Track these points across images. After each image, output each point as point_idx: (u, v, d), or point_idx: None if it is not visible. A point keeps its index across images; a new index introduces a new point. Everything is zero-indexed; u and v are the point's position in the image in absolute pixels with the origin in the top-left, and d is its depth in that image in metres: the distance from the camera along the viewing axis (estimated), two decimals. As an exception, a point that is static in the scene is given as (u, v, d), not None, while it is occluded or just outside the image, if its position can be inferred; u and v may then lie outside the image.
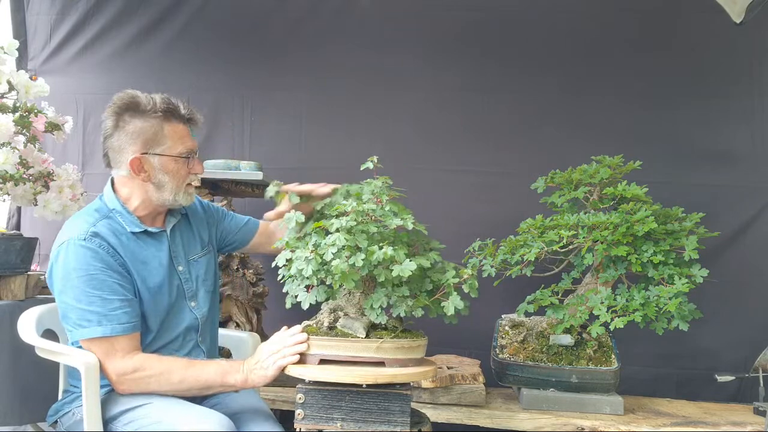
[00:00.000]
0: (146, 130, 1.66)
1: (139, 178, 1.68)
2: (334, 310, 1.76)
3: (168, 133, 1.68)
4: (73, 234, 1.60)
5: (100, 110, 3.16)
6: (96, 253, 1.58)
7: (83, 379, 1.52)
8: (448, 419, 2.11)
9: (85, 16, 3.21)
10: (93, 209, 1.70)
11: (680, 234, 2.08)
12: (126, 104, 1.67)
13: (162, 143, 1.68)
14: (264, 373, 1.59)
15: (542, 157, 2.75)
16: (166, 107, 1.68)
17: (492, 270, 2.20)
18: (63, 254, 1.59)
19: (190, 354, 1.73)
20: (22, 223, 3.20)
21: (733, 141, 2.73)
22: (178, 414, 1.52)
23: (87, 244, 1.59)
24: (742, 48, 2.72)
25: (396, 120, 2.97)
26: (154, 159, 1.68)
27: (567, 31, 2.88)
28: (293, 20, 3.08)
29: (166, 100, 1.69)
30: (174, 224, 1.79)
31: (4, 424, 1.95)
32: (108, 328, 1.55)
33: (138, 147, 1.66)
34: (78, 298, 1.56)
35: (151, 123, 1.67)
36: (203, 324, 1.78)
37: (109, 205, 1.70)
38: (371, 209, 1.68)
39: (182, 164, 1.71)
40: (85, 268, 1.57)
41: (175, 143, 1.69)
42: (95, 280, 1.56)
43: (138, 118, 1.67)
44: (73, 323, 1.57)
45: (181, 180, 1.71)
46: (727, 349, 2.63)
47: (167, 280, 1.70)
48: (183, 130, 1.72)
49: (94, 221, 1.64)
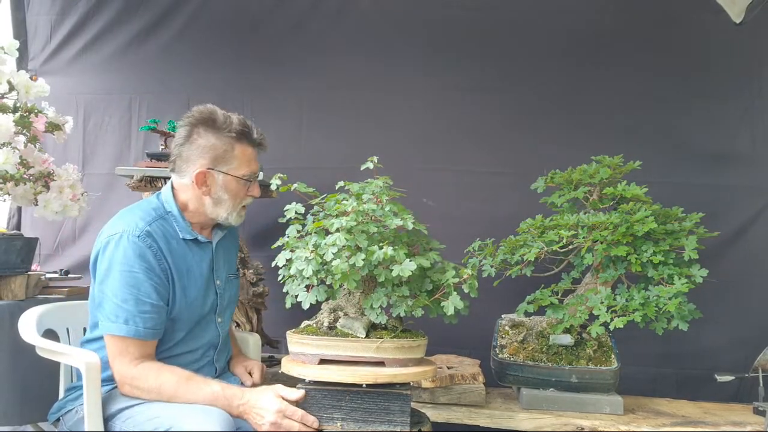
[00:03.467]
0: (218, 147, 1.69)
1: (200, 191, 1.71)
2: (334, 310, 1.76)
3: (238, 154, 1.71)
4: (129, 228, 1.62)
5: (100, 110, 3.24)
6: (144, 253, 1.60)
7: (84, 378, 1.53)
8: (448, 419, 2.11)
9: (86, 16, 3.21)
10: (150, 207, 1.71)
11: (680, 234, 2.08)
12: (204, 118, 1.70)
13: (230, 163, 1.71)
14: (259, 421, 1.54)
15: (542, 157, 2.75)
16: (240, 129, 1.71)
17: (492, 270, 2.20)
18: (113, 245, 1.60)
19: (201, 370, 1.73)
20: (22, 223, 3.21)
21: (733, 141, 2.73)
22: (178, 411, 1.52)
23: (139, 242, 1.60)
24: (742, 48, 2.72)
25: (396, 120, 2.97)
26: (219, 176, 1.71)
27: (567, 31, 2.88)
28: (293, 20, 3.09)
29: (242, 122, 1.72)
30: (220, 238, 1.82)
31: (5, 424, 1.95)
32: (132, 329, 1.56)
33: (206, 161, 1.69)
34: (115, 292, 1.58)
35: (224, 141, 1.70)
36: (222, 343, 1.80)
37: (167, 207, 1.72)
38: (371, 209, 1.68)
39: (243, 186, 1.74)
40: (130, 264, 1.58)
41: (242, 165, 1.72)
42: (135, 279, 1.58)
43: (212, 134, 1.69)
44: (106, 315, 1.59)
45: (238, 200, 1.75)
46: (727, 349, 2.63)
47: (204, 291, 1.72)
48: (251, 153, 1.75)
49: (150, 220, 1.66)
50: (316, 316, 1.80)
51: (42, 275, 2.23)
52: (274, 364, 2.55)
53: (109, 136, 3.21)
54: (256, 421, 1.55)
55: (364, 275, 1.65)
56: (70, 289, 2.27)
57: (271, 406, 1.55)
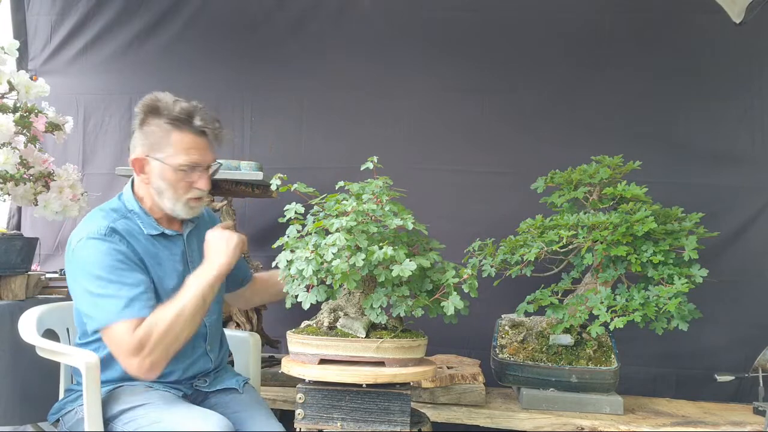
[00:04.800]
0: (155, 132, 1.66)
1: (140, 178, 1.70)
2: (334, 310, 1.76)
3: (174, 141, 1.65)
4: (91, 230, 1.59)
5: (100, 110, 3.24)
6: (115, 246, 1.58)
7: (84, 378, 1.53)
8: (447, 419, 2.11)
9: (86, 16, 3.21)
10: (110, 208, 1.69)
11: (680, 234, 2.08)
12: (148, 105, 1.68)
13: (164, 150, 1.65)
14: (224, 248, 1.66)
15: (542, 157, 2.75)
16: (177, 115, 1.65)
17: (492, 270, 2.20)
18: (81, 251, 1.58)
19: (196, 362, 1.72)
20: (22, 223, 3.21)
21: (733, 141, 2.73)
22: (177, 414, 1.52)
23: (106, 239, 1.58)
24: (742, 48, 2.72)
25: (396, 120, 2.97)
26: (155, 164, 1.66)
27: (566, 31, 2.88)
28: (293, 20, 3.08)
29: (185, 110, 1.65)
30: (191, 229, 1.79)
31: (5, 424, 1.95)
32: (135, 310, 1.52)
33: (144, 149, 1.67)
34: (103, 288, 1.53)
35: (161, 128, 1.66)
36: (211, 332, 1.78)
37: (128, 205, 1.71)
38: (371, 209, 1.68)
39: (181, 176, 1.66)
40: (104, 259, 1.56)
41: (178, 153, 1.65)
42: (115, 271, 1.55)
43: (152, 121, 1.67)
44: (99, 312, 1.53)
45: (180, 191, 1.68)
46: (727, 349, 2.62)
47: (180, 283, 1.68)
48: (192, 141, 1.66)
49: (112, 219, 1.64)
50: (316, 316, 1.80)
51: (42, 275, 2.23)
52: (274, 364, 2.55)
53: (109, 136, 3.21)
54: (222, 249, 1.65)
55: (364, 275, 1.65)
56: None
57: (218, 234, 1.69)
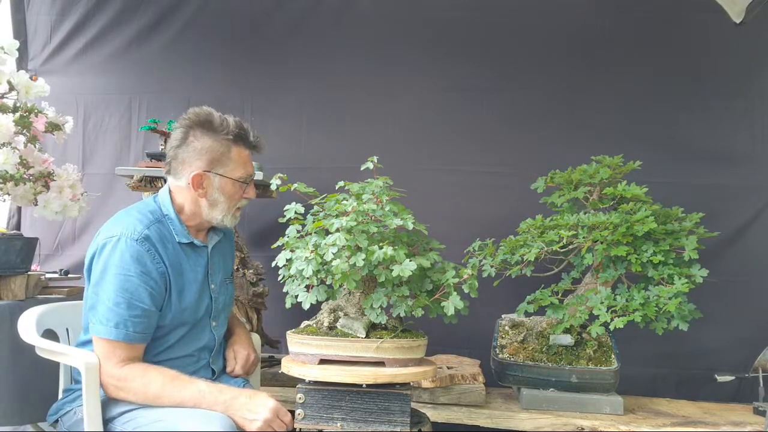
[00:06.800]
0: (214, 149, 1.69)
1: (196, 193, 1.71)
2: (334, 310, 1.76)
3: (234, 156, 1.71)
4: (127, 231, 1.61)
5: (99, 110, 3.24)
6: (141, 257, 1.59)
7: (84, 378, 1.53)
8: (447, 419, 2.11)
9: (85, 16, 3.21)
10: (148, 210, 1.70)
11: (680, 234, 2.08)
12: (201, 120, 1.70)
13: (226, 165, 1.70)
14: (250, 417, 1.53)
15: (542, 157, 2.75)
16: (237, 132, 1.71)
17: (492, 270, 2.20)
18: (110, 248, 1.59)
19: (198, 372, 1.72)
20: (22, 223, 3.21)
21: (733, 141, 2.73)
22: (178, 414, 1.52)
23: (137, 245, 1.59)
24: (742, 48, 2.72)
25: (396, 120, 2.97)
26: (216, 178, 1.70)
27: (566, 32, 2.88)
28: (293, 21, 3.09)
29: (239, 124, 1.72)
30: (216, 242, 1.81)
31: (4, 424, 1.95)
32: (122, 333, 1.55)
33: (203, 164, 1.69)
34: (108, 296, 1.57)
35: (220, 143, 1.69)
36: (218, 345, 1.80)
37: (164, 210, 1.72)
38: (371, 209, 1.68)
39: (239, 188, 1.74)
40: (126, 267, 1.57)
41: (238, 167, 1.72)
42: (130, 282, 1.57)
43: (208, 136, 1.69)
44: (97, 317, 1.57)
45: (234, 202, 1.74)
46: (727, 349, 2.63)
47: (199, 296, 1.71)
48: (247, 155, 1.75)
49: (148, 223, 1.65)
50: (316, 316, 1.80)
51: (42, 275, 2.23)
52: (274, 364, 2.55)
53: (109, 136, 3.21)
54: (246, 417, 1.53)
55: (364, 275, 1.65)
56: (70, 289, 2.27)
57: (267, 402, 1.54)
